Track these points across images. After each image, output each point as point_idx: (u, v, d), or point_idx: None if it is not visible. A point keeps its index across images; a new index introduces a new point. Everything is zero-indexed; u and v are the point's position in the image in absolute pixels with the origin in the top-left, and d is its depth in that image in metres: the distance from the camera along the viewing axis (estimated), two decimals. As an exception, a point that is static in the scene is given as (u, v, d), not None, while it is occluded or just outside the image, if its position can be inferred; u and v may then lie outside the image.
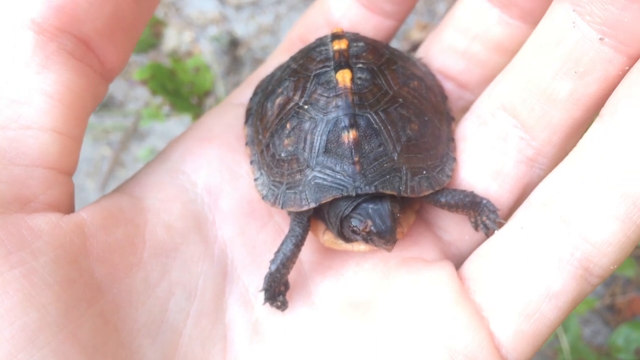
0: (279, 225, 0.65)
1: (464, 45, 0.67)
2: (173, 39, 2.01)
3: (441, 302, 0.57)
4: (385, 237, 0.56)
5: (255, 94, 0.71)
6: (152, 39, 1.55)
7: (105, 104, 1.97)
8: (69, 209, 0.53)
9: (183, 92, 1.19)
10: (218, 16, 2.04)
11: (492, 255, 0.58)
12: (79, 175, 1.91)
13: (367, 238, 0.58)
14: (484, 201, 0.61)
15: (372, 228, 0.57)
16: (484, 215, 0.61)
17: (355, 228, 0.58)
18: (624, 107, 0.51)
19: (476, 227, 0.63)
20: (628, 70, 0.52)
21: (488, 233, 0.62)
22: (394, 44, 1.91)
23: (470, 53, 0.67)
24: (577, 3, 0.52)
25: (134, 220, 0.56)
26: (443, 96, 0.69)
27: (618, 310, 1.59)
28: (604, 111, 0.53)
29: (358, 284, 0.61)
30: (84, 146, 0.56)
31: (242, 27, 2.03)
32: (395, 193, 0.58)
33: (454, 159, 0.64)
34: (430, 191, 0.60)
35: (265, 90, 0.68)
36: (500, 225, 0.60)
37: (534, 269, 0.54)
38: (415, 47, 1.90)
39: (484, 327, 0.55)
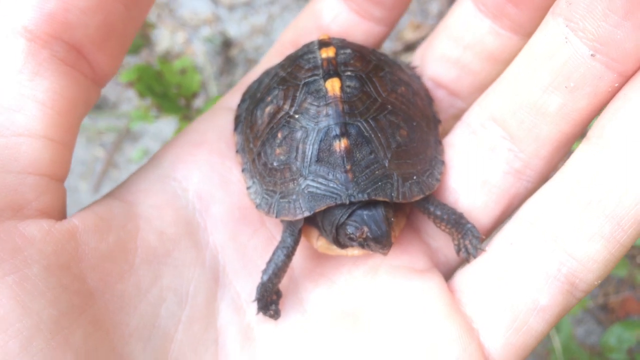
0: (270, 232, 0.65)
1: (456, 55, 0.68)
2: (166, 39, 2.01)
3: (432, 314, 0.58)
4: (381, 241, 0.57)
5: (243, 100, 0.71)
6: (140, 40, 1.54)
7: (98, 106, 1.96)
8: (61, 215, 0.54)
9: (170, 94, 1.17)
10: (211, 17, 2.04)
11: (483, 270, 0.59)
12: (72, 177, 1.90)
13: (364, 244, 0.58)
14: (469, 225, 0.61)
15: (369, 234, 0.57)
16: (467, 239, 0.62)
17: (351, 235, 0.58)
18: (610, 131, 0.52)
19: (458, 251, 0.63)
20: (617, 87, 0.53)
21: (468, 258, 0.62)
22: (387, 44, 1.91)
23: (462, 62, 0.68)
24: (570, 19, 0.52)
25: (126, 226, 0.56)
26: (429, 99, 0.69)
27: (611, 310, 1.59)
28: (590, 133, 0.55)
29: (349, 292, 0.62)
30: (77, 147, 0.56)
31: (235, 28, 2.03)
32: (387, 199, 0.59)
33: (443, 162, 0.65)
34: (421, 196, 0.61)
35: (254, 98, 0.68)
36: (480, 252, 0.61)
37: (523, 283, 0.56)
38: (408, 47, 1.90)
39: (474, 339, 0.56)
